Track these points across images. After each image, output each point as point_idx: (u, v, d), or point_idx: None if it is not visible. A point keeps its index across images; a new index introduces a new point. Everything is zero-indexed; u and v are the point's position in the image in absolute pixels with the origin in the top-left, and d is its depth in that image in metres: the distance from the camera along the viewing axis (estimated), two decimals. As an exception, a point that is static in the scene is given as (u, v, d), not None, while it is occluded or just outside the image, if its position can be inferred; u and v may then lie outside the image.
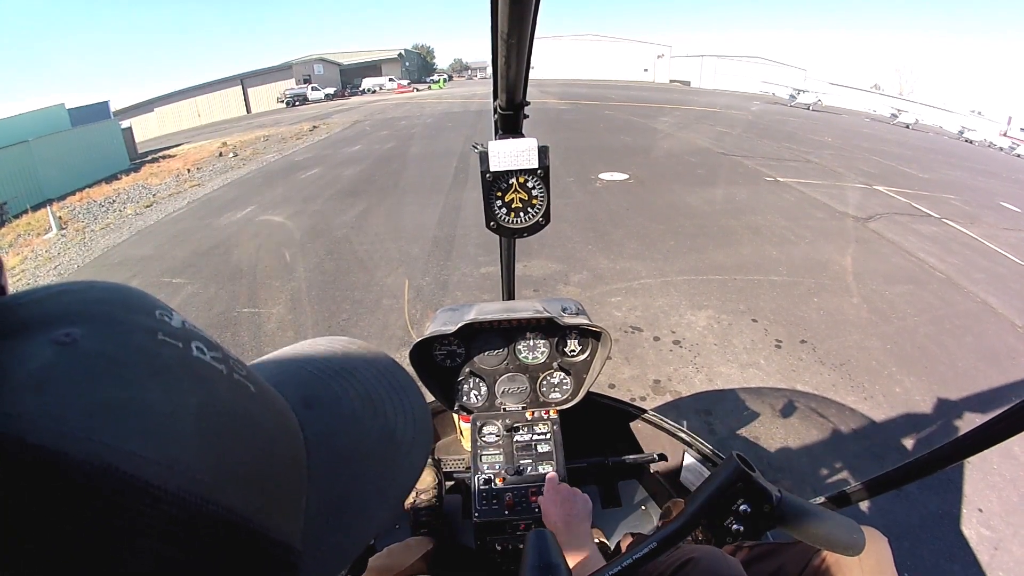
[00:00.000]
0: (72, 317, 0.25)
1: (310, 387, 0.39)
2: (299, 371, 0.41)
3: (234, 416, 0.28)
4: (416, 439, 0.41)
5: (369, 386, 0.42)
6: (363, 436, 0.39)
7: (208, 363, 0.28)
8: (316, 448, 0.35)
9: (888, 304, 4.95)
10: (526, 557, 0.73)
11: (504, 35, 0.69)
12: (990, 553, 2.47)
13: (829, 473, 2.93)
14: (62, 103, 19.62)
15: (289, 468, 0.32)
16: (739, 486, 0.72)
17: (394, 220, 7.65)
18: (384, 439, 0.39)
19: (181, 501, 0.23)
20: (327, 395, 0.39)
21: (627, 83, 46.32)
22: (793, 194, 8.92)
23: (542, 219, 1.16)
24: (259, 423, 0.30)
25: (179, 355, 0.27)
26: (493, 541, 1.36)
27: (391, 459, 0.39)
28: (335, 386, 0.40)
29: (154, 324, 0.27)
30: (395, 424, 0.40)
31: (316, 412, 0.37)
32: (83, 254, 8.02)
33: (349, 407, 0.39)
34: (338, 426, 0.38)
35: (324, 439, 0.36)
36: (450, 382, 1.55)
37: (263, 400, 0.32)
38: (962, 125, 27.52)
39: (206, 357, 0.29)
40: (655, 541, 0.72)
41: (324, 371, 0.41)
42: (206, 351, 0.29)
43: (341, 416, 0.38)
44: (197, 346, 0.28)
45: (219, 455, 0.26)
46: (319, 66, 45.44)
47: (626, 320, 4.55)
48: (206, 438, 0.25)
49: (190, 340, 0.28)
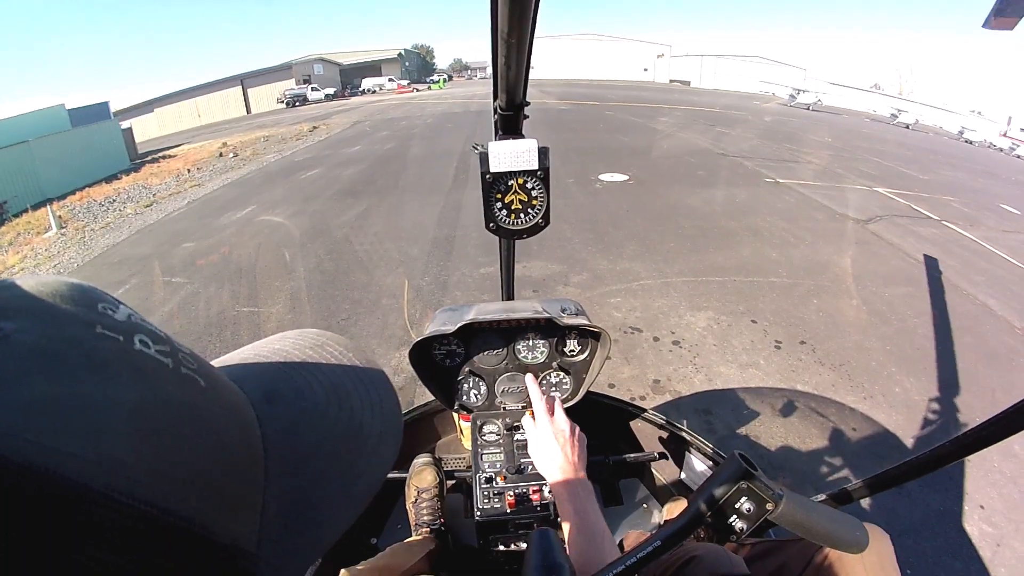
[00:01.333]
0: (6, 312, 0.24)
1: (273, 381, 0.38)
2: (263, 365, 0.40)
3: (177, 412, 0.27)
4: (384, 433, 0.40)
5: (335, 378, 0.40)
6: (327, 430, 0.37)
7: (152, 357, 0.27)
8: (276, 444, 0.33)
9: (887, 305, 4.95)
10: (529, 556, 0.73)
11: (504, 35, 0.69)
12: (992, 550, 2.47)
13: (830, 471, 2.93)
14: (62, 104, 19.65)
15: (242, 466, 0.30)
16: (742, 485, 0.72)
17: (394, 220, 7.66)
18: (350, 433, 0.38)
19: (114, 502, 0.22)
20: (289, 389, 0.38)
21: (627, 83, 46.35)
22: (793, 195, 8.93)
23: (542, 220, 1.16)
24: (207, 419, 0.29)
25: (119, 349, 0.26)
26: (495, 540, 1.36)
27: (357, 454, 0.37)
28: (299, 380, 0.39)
29: (94, 317, 0.26)
30: (361, 417, 0.39)
31: (277, 407, 0.36)
32: (83, 253, 8.02)
33: (312, 400, 0.38)
34: (300, 420, 0.36)
35: (285, 435, 0.34)
36: (450, 381, 1.55)
37: (214, 395, 0.30)
38: (962, 125, 27.50)
39: (150, 351, 0.27)
40: (659, 539, 0.72)
41: (289, 365, 0.40)
42: (151, 344, 0.27)
43: (304, 410, 0.37)
44: (141, 339, 0.27)
45: (157, 453, 0.24)
46: (319, 66, 45.46)
47: (626, 321, 4.55)
48: (144, 435, 0.24)
49: (133, 333, 0.27)
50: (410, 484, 1.57)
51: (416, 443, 1.91)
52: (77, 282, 0.28)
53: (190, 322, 4.90)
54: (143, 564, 0.23)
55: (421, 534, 1.51)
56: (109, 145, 17.80)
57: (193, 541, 0.25)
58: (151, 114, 34.57)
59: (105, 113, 23.70)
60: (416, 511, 1.55)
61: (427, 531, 1.52)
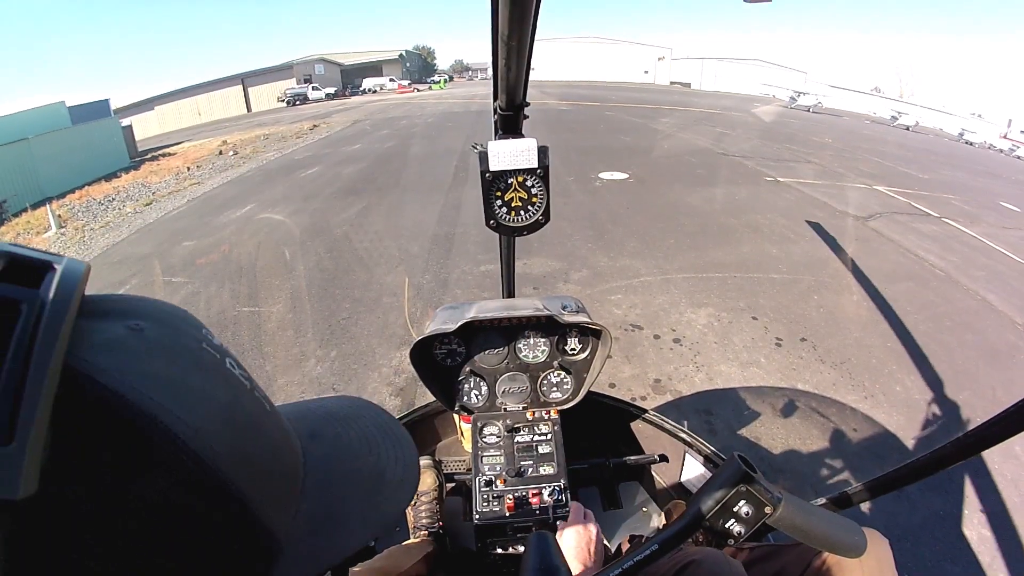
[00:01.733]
0: (142, 314, 0.33)
1: (316, 425, 0.47)
2: (310, 412, 0.49)
3: (250, 419, 0.36)
4: (404, 480, 0.48)
5: (367, 431, 0.49)
6: (356, 468, 0.46)
7: (237, 376, 0.36)
8: (313, 470, 0.42)
9: (888, 302, 4.95)
10: (527, 559, 0.73)
11: (504, 37, 0.69)
12: (992, 554, 2.47)
13: (830, 474, 2.92)
14: (62, 101, 19.64)
15: (286, 476, 0.38)
16: (741, 488, 0.72)
17: (394, 218, 7.65)
18: (374, 475, 0.46)
19: (197, 458, 0.29)
20: (329, 432, 0.47)
21: (627, 85, 46.31)
22: (793, 194, 8.92)
23: (542, 217, 1.15)
24: (268, 433, 0.37)
25: (216, 362, 0.35)
26: (494, 543, 1.36)
27: (378, 491, 0.45)
28: (337, 427, 0.48)
29: (200, 336, 0.35)
30: (386, 464, 0.47)
31: (317, 442, 0.44)
32: (82, 252, 8.01)
33: (347, 443, 0.47)
34: (335, 456, 0.45)
35: (321, 464, 0.43)
36: (450, 382, 1.55)
37: (274, 418, 0.39)
38: (962, 127, 27.52)
39: (236, 372, 0.36)
40: (656, 543, 0.71)
41: (331, 416, 0.50)
42: (236, 368, 0.36)
43: (339, 448, 0.46)
44: (230, 362, 0.36)
45: (235, 441, 0.32)
46: (320, 66, 45.40)
47: (626, 318, 4.54)
48: (228, 424, 0.32)
49: (225, 356, 0.36)
50: (409, 486, 1.57)
51: (416, 445, 1.90)
52: (185, 310, 0.37)
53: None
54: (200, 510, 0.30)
55: (419, 537, 1.51)
56: (109, 143, 17.77)
57: (242, 512, 0.32)
58: (151, 112, 34.52)
59: (105, 111, 23.68)
60: (415, 514, 1.54)
61: (425, 534, 1.51)
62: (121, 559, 0.27)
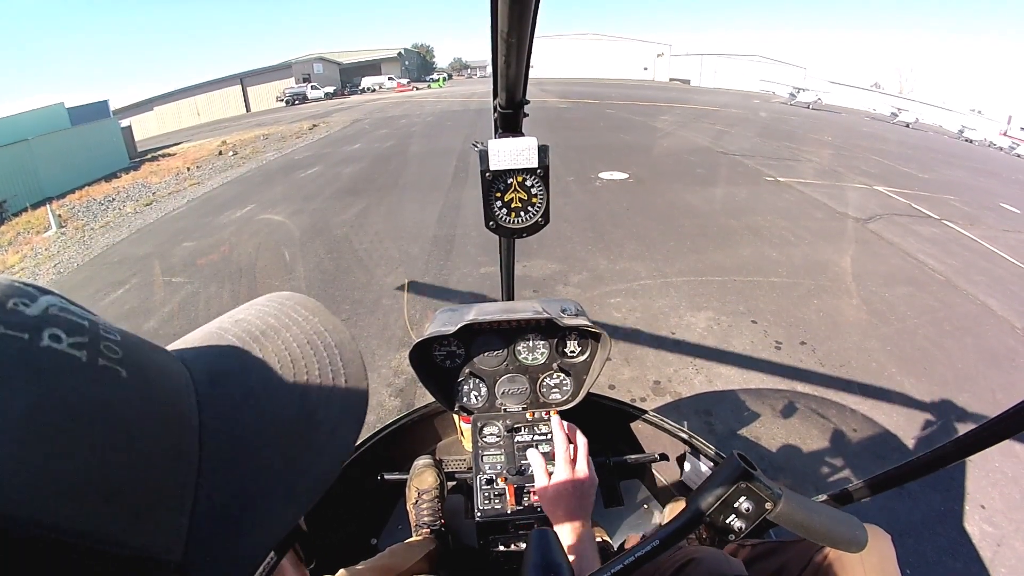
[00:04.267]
0: None
1: (222, 359, 0.35)
2: (220, 338, 0.37)
3: (79, 412, 0.24)
4: (344, 415, 0.36)
5: (292, 350, 0.36)
6: (274, 416, 0.33)
7: (60, 352, 0.25)
8: (212, 435, 0.31)
9: (888, 306, 4.95)
10: (528, 556, 0.73)
11: (504, 34, 0.69)
12: (993, 550, 2.47)
13: (830, 472, 2.93)
14: (61, 102, 19.61)
15: (162, 465, 0.28)
16: (741, 484, 0.72)
17: (394, 219, 7.65)
18: (300, 417, 0.34)
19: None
20: (237, 367, 0.35)
21: (627, 82, 46.29)
22: (793, 194, 8.92)
23: (541, 219, 1.15)
24: (119, 416, 0.26)
25: (19, 348, 0.24)
26: (495, 540, 1.36)
27: (306, 444, 0.34)
28: (250, 356, 0.36)
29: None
30: (317, 396, 0.35)
31: (221, 389, 0.33)
32: (82, 252, 8.01)
33: (261, 378, 0.34)
34: (244, 404, 0.33)
35: (225, 422, 0.32)
36: (450, 383, 1.55)
37: (138, 386, 0.28)
38: (962, 124, 27.53)
39: (60, 345, 0.25)
40: (658, 539, 0.72)
41: (244, 337, 0.37)
42: (63, 338, 0.26)
43: (249, 392, 0.34)
44: (52, 334, 0.25)
45: (47, 462, 0.22)
46: (319, 65, 45.39)
47: (625, 321, 4.55)
48: (30, 444, 0.22)
49: (42, 328, 0.25)
50: (411, 486, 1.57)
51: (417, 445, 1.91)
52: None
53: (190, 323, 4.90)
54: None
55: (421, 535, 1.51)
56: (109, 143, 17.77)
57: (88, 557, 0.23)
58: (151, 112, 34.53)
59: (105, 111, 23.65)
60: (416, 512, 1.55)
61: (427, 532, 1.52)
62: None
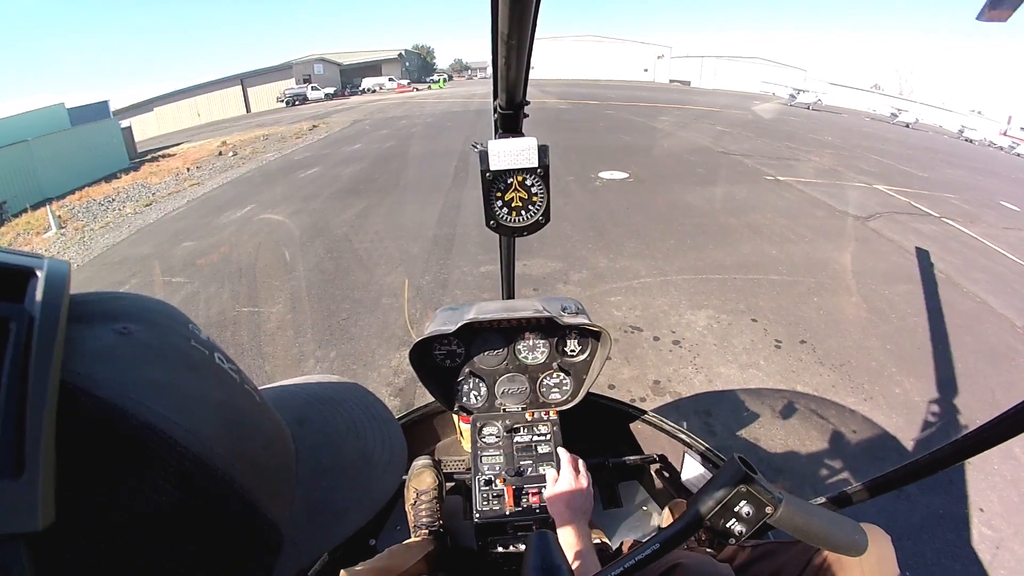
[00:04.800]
0: (128, 315, 0.32)
1: (303, 410, 0.46)
2: (295, 397, 0.48)
3: (244, 415, 0.35)
4: (391, 462, 0.48)
5: (353, 415, 0.49)
6: (344, 454, 0.45)
7: (227, 371, 0.35)
8: (304, 458, 0.41)
9: (887, 303, 4.95)
10: (528, 558, 0.73)
11: (504, 36, 0.69)
12: (992, 552, 2.47)
13: (829, 474, 2.93)
14: (61, 103, 19.62)
15: (282, 468, 0.38)
16: (741, 488, 0.72)
17: (394, 219, 7.65)
18: (362, 459, 0.46)
19: (200, 462, 0.29)
20: (316, 417, 0.46)
21: (627, 83, 46.30)
22: (793, 192, 8.92)
23: (542, 218, 1.15)
24: (261, 426, 0.37)
25: (206, 359, 0.34)
26: (494, 542, 1.36)
27: (366, 476, 0.45)
28: (324, 411, 0.47)
29: (188, 333, 0.34)
30: (373, 448, 0.47)
31: (306, 429, 0.43)
32: (83, 253, 8.01)
33: (334, 428, 0.46)
34: (323, 443, 0.44)
35: (311, 452, 0.42)
36: (450, 382, 1.55)
37: (265, 410, 0.39)
38: (962, 124, 27.52)
39: (225, 366, 0.36)
40: (658, 542, 0.72)
41: (316, 399, 0.49)
42: (225, 362, 0.36)
43: (326, 435, 0.45)
44: (219, 356, 0.36)
45: (232, 440, 0.32)
46: (319, 66, 45.38)
47: (626, 320, 4.54)
48: (223, 423, 0.32)
49: (213, 351, 0.35)
50: (409, 486, 1.57)
51: (416, 445, 1.90)
52: (171, 305, 0.36)
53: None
54: (205, 511, 0.30)
55: (420, 536, 1.51)
56: (108, 144, 17.75)
57: (246, 508, 0.33)
58: (151, 113, 34.50)
59: (105, 112, 23.63)
60: (415, 513, 1.55)
61: (426, 533, 1.51)
62: (140, 570, 0.27)
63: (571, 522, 1.16)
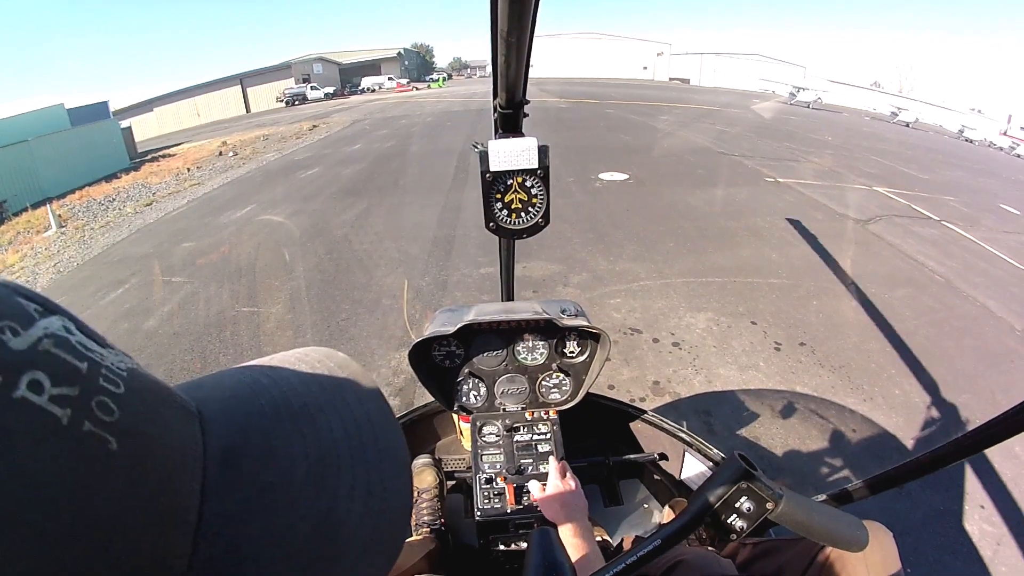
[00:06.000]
0: None
1: (246, 431, 0.28)
2: (250, 399, 0.29)
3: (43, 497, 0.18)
4: (374, 542, 0.28)
5: (329, 442, 0.29)
6: (289, 527, 0.26)
7: (37, 407, 0.19)
8: (210, 538, 0.24)
9: (887, 307, 4.95)
10: (530, 556, 0.73)
11: (504, 34, 0.69)
12: (992, 548, 2.48)
13: (830, 472, 2.93)
14: (61, 103, 19.62)
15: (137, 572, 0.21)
16: (742, 485, 0.72)
17: (394, 220, 7.65)
18: (321, 537, 0.26)
19: None
20: (261, 449, 0.27)
21: (627, 81, 46.31)
22: (793, 195, 8.93)
23: (542, 220, 1.15)
24: (99, 505, 0.20)
25: None
26: (496, 539, 1.36)
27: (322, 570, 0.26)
28: (281, 434, 0.28)
29: None
30: (346, 514, 0.27)
31: (235, 475, 0.26)
32: (82, 252, 8.01)
33: (284, 471, 0.27)
34: (257, 504, 0.26)
35: (228, 525, 0.25)
36: (449, 383, 1.55)
37: (129, 463, 0.21)
38: (962, 124, 27.51)
39: (40, 398, 0.19)
40: (659, 539, 0.72)
41: (279, 406, 0.29)
42: (46, 387, 0.19)
43: (266, 488, 0.26)
44: (32, 380, 0.19)
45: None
46: (318, 65, 45.38)
47: (625, 322, 4.55)
48: None
49: (22, 371, 0.19)
50: (410, 485, 1.57)
51: (416, 444, 1.90)
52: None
53: (190, 322, 4.90)
54: None
55: (421, 534, 1.51)
56: (109, 144, 17.77)
57: None
58: (151, 113, 34.51)
59: (105, 112, 23.65)
60: (416, 511, 1.55)
61: (427, 531, 1.52)
62: None
63: (569, 520, 1.17)
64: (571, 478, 1.31)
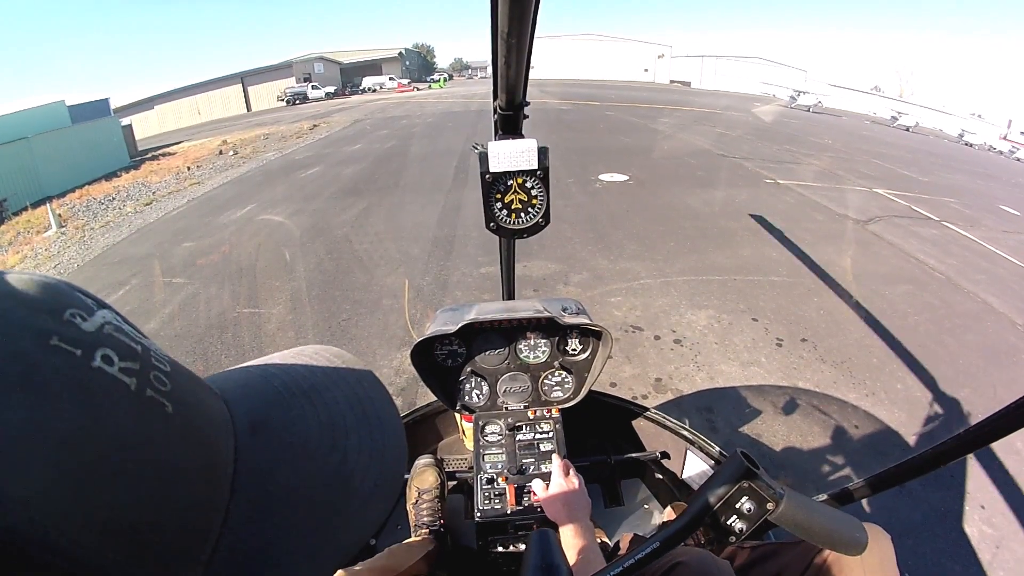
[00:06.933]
0: None
1: (267, 406, 0.34)
2: (264, 385, 0.35)
3: (120, 444, 0.23)
4: (379, 487, 0.34)
5: (337, 413, 0.35)
6: (309, 476, 0.32)
7: (111, 376, 0.24)
8: (246, 486, 0.29)
9: (888, 304, 4.95)
10: (528, 557, 0.73)
11: (504, 34, 0.69)
12: (992, 551, 2.47)
13: (831, 470, 2.93)
14: (62, 100, 19.62)
15: (192, 512, 0.26)
16: (743, 484, 0.72)
17: (394, 219, 7.65)
18: (337, 481, 0.33)
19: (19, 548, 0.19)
20: (280, 419, 0.33)
21: (627, 83, 46.32)
22: (793, 196, 8.93)
23: (542, 220, 1.15)
24: (158, 454, 0.25)
25: (70, 365, 0.22)
26: (495, 541, 1.36)
27: (340, 507, 0.32)
28: (295, 408, 0.34)
29: (52, 327, 0.23)
30: (356, 463, 0.33)
31: (261, 439, 0.31)
32: (83, 252, 8.00)
33: (303, 434, 0.33)
34: (282, 458, 0.32)
35: (259, 477, 0.30)
36: (451, 382, 1.55)
37: (182, 423, 0.27)
38: (962, 128, 27.53)
39: (112, 368, 0.24)
40: (658, 541, 0.72)
41: (291, 388, 0.35)
42: (115, 360, 0.24)
43: (289, 446, 0.32)
44: (104, 355, 0.24)
45: (77, 491, 0.21)
46: (319, 65, 45.38)
47: (626, 320, 4.55)
48: (67, 468, 0.21)
49: (96, 347, 0.24)
50: (411, 485, 1.57)
51: (418, 444, 1.90)
52: (52, 282, 0.25)
53: (191, 323, 4.90)
54: None
55: (420, 535, 1.51)
56: (109, 142, 17.76)
57: None
58: (151, 111, 34.49)
59: (105, 110, 23.67)
60: (416, 512, 1.54)
61: (426, 532, 1.51)
62: None
63: (572, 520, 1.17)
64: (575, 476, 1.31)
